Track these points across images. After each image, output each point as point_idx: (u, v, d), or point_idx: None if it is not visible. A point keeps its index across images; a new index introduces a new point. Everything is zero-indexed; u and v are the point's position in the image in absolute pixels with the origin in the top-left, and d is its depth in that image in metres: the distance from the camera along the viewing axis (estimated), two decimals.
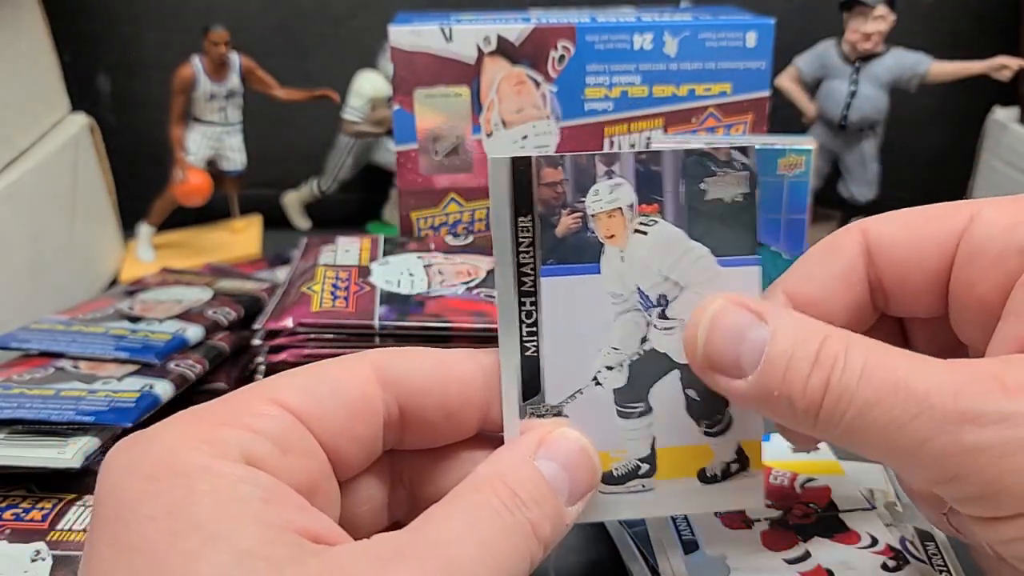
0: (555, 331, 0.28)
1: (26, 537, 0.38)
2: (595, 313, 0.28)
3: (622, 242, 0.29)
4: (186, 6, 0.75)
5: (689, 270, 0.29)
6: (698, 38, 0.56)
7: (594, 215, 0.29)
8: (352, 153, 0.75)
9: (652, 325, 0.29)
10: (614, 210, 0.29)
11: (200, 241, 0.76)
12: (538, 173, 0.28)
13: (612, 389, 0.29)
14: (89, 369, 0.49)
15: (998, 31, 0.74)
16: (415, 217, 0.59)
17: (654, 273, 0.29)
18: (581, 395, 0.28)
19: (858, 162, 0.70)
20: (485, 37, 0.56)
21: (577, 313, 0.28)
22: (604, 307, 0.29)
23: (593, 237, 0.29)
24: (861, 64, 0.67)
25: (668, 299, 0.29)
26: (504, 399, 0.28)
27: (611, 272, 0.29)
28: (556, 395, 0.28)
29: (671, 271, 0.29)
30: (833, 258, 0.29)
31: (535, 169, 0.28)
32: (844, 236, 0.30)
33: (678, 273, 0.29)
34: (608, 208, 0.29)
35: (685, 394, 0.29)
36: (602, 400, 0.29)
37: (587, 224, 0.29)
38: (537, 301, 0.29)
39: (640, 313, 0.29)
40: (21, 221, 0.58)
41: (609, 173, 0.29)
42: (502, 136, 0.57)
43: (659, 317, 0.29)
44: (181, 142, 0.69)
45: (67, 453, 0.40)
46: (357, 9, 0.76)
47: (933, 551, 0.34)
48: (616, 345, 0.29)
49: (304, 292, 0.50)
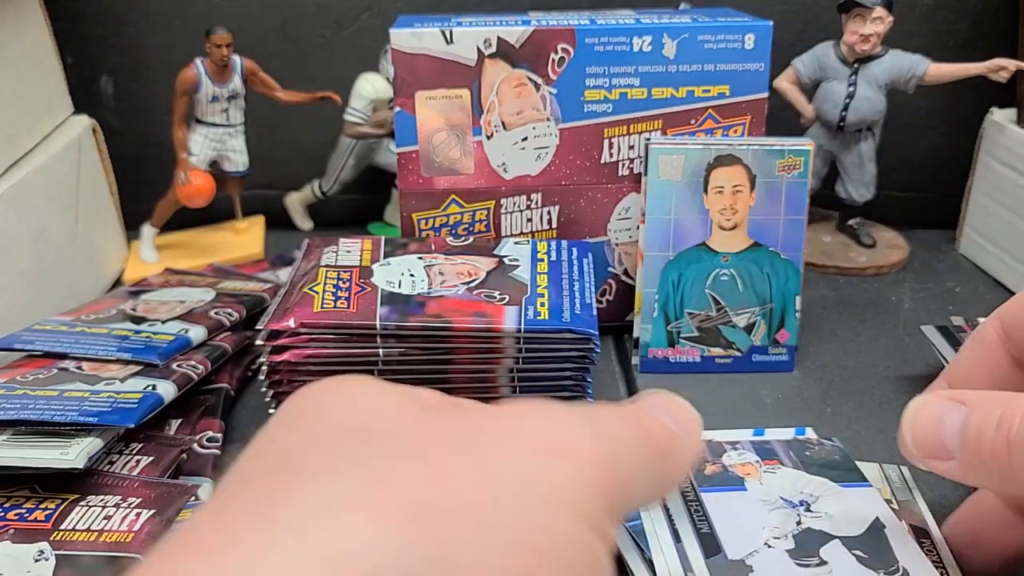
0: (722, 521, 0.39)
1: (29, 537, 0.38)
2: (751, 509, 0.40)
3: (758, 477, 0.42)
4: (189, 9, 0.75)
5: (819, 488, 0.41)
6: (697, 40, 0.56)
7: (731, 465, 0.43)
8: (354, 154, 0.76)
9: (802, 515, 0.40)
10: (746, 463, 0.43)
11: (203, 242, 0.76)
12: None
13: (784, 551, 0.38)
14: (92, 370, 0.49)
15: (996, 32, 0.74)
16: (416, 218, 0.59)
17: (791, 490, 0.41)
18: (758, 553, 0.37)
19: (856, 163, 0.71)
20: (485, 39, 0.56)
21: (735, 511, 0.40)
22: (757, 506, 0.40)
23: (733, 475, 0.43)
24: (859, 66, 0.67)
25: (809, 502, 0.40)
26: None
27: (755, 490, 0.41)
28: (736, 552, 0.37)
29: (804, 488, 0.41)
30: (977, 343, 0.36)
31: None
32: (985, 326, 0.36)
33: (810, 490, 0.41)
34: (741, 462, 0.44)
35: (853, 554, 0.37)
36: (778, 556, 0.37)
37: (727, 470, 0.43)
38: (702, 507, 0.40)
39: (789, 510, 0.40)
40: (24, 222, 0.58)
41: (734, 448, 0.45)
42: (502, 138, 0.58)
43: (806, 511, 0.40)
44: (184, 144, 0.70)
45: (71, 453, 0.40)
46: (358, 12, 0.76)
47: None
48: (776, 526, 0.39)
49: (306, 293, 0.50)
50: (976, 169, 0.74)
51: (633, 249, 0.61)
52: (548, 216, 0.60)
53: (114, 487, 0.42)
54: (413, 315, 0.48)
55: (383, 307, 0.49)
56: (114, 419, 0.43)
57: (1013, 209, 0.69)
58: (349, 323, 0.48)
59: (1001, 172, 0.70)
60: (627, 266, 0.62)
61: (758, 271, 0.56)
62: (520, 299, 0.50)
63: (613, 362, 0.60)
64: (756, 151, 0.54)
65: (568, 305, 0.50)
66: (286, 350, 0.48)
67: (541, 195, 0.59)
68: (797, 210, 0.55)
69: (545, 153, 0.58)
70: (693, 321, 0.57)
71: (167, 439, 0.47)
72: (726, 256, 0.56)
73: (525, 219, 0.60)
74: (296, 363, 0.48)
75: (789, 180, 0.55)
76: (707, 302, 0.56)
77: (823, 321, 0.64)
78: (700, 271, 0.56)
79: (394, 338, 0.48)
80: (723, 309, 0.56)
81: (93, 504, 0.40)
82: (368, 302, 0.49)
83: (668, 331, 0.57)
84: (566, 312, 0.49)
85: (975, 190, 0.74)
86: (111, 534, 0.38)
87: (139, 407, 0.44)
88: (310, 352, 0.48)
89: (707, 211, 0.55)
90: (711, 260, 0.56)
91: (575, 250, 0.56)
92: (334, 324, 0.48)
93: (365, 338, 0.48)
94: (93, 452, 0.41)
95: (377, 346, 0.48)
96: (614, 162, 0.59)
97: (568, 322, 0.48)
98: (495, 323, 0.48)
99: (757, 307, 0.56)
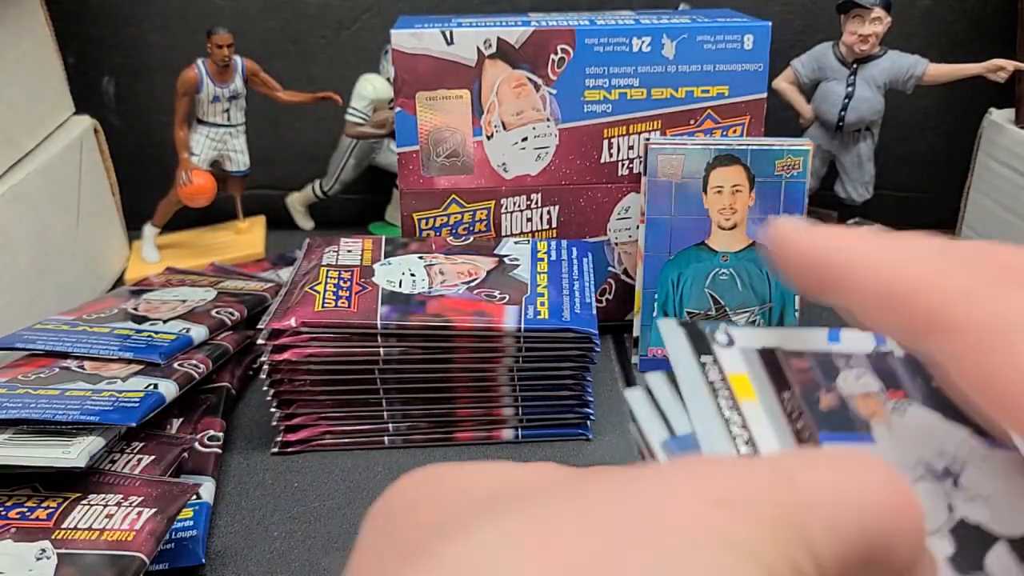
0: None
1: (31, 535, 0.39)
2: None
3: (886, 420, 0.29)
4: (190, 9, 0.75)
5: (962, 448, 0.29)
6: (696, 41, 0.56)
7: (852, 396, 0.30)
8: (354, 154, 0.76)
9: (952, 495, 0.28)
10: (868, 393, 0.30)
11: (204, 241, 0.76)
12: (787, 362, 0.28)
13: (943, 558, 0.26)
14: (94, 369, 0.49)
15: (994, 33, 0.74)
16: (417, 218, 0.59)
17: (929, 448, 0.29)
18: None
19: (854, 163, 0.71)
20: (485, 40, 0.56)
21: None
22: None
23: (856, 414, 0.29)
24: (858, 66, 0.67)
25: (953, 471, 0.28)
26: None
27: (886, 444, 0.29)
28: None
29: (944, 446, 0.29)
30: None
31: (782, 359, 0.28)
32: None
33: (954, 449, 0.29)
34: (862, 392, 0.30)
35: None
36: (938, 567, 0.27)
37: (845, 404, 0.29)
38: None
39: (934, 482, 0.28)
40: (26, 222, 0.58)
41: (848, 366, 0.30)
42: (502, 138, 0.58)
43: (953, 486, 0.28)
44: (185, 144, 0.70)
45: (72, 452, 0.40)
46: (359, 13, 0.76)
47: None
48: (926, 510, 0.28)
49: (307, 292, 0.50)
50: (975, 169, 0.74)
51: (633, 249, 0.61)
52: (548, 216, 0.60)
53: (115, 486, 0.42)
54: (414, 314, 0.48)
55: (384, 306, 0.49)
56: (116, 418, 0.43)
57: (1012, 209, 0.69)
58: (350, 322, 0.48)
59: (1000, 172, 0.70)
60: (627, 265, 0.62)
61: (757, 270, 0.56)
62: (520, 298, 0.50)
63: (613, 361, 0.60)
64: (755, 151, 0.54)
65: (568, 304, 0.50)
66: (287, 349, 0.48)
67: (541, 195, 0.59)
68: (796, 210, 0.55)
69: (545, 153, 0.58)
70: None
71: (168, 438, 0.47)
72: (725, 255, 0.56)
73: (525, 219, 0.60)
74: (297, 362, 0.48)
75: (788, 180, 0.55)
76: (707, 301, 0.57)
77: (822, 320, 0.64)
78: (699, 270, 0.56)
79: (395, 337, 0.48)
80: (723, 308, 0.57)
81: (95, 503, 0.41)
82: (369, 301, 0.49)
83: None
84: (566, 311, 0.49)
85: (974, 190, 0.74)
86: (112, 533, 0.39)
87: (140, 406, 0.44)
88: (311, 351, 0.48)
89: (706, 211, 0.55)
90: (710, 259, 0.56)
91: (575, 250, 0.57)
92: (335, 323, 0.48)
93: (366, 337, 0.48)
94: (95, 451, 0.41)
95: (378, 345, 0.48)
96: (614, 162, 0.59)
97: (568, 321, 0.48)
98: (495, 322, 0.48)
99: (756, 306, 0.57)
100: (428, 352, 0.48)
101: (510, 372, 0.49)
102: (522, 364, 0.49)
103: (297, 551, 0.43)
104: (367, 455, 0.50)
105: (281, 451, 0.50)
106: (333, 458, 0.50)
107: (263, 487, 0.47)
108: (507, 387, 0.50)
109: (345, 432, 0.50)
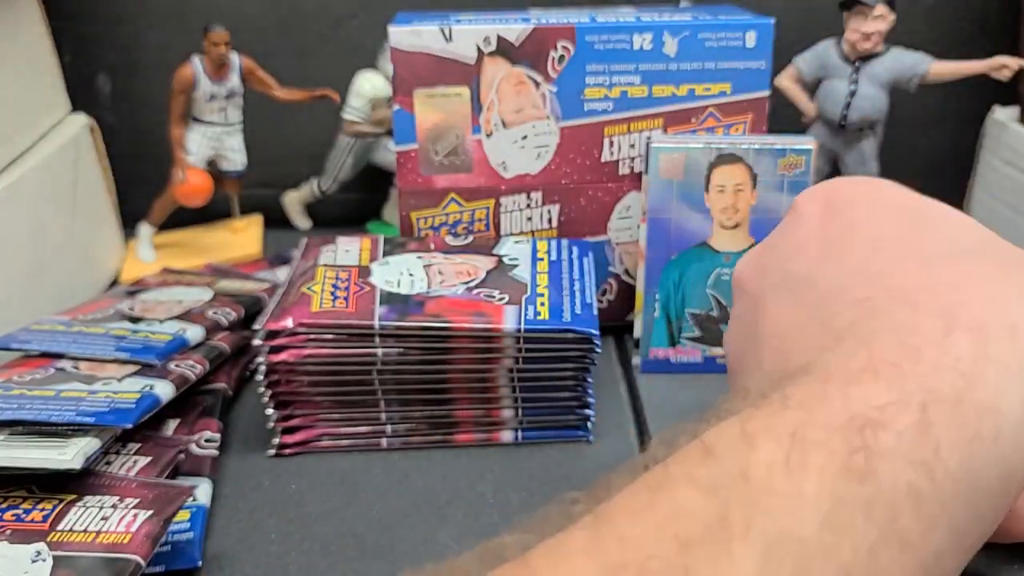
0: None
1: (27, 538, 0.38)
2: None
3: None
4: (186, 6, 0.75)
5: None
6: (698, 38, 0.56)
7: None
8: (352, 153, 0.76)
9: None
10: None
11: (201, 241, 0.76)
12: None
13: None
14: (89, 370, 0.49)
15: (997, 31, 0.74)
16: (415, 217, 0.59)
17: None
18: None
19: (858, 162, 0.70)
20: (485, 37, 0.56)
21: None
22: None
23: None
24: (861, 64, 0.67)
25: None
26: None
27: None
28: None
29: None
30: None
31: None
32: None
33: None
34: None
35: None
36: None
37: None
38: None
39: None
40: (21, 221, 0.58)
41: None
42: (502, 136, 0.57)
43: None
44: (181, 142, 0.69)
45: (68, 454, 0.40)
46: (357, 9, 0.76)
47: None
48: None
49: (304, 292, 0.50)
50: (978, 168, 0.73)
51: (634, 248, 0.61)
52: (548, 215, 0.59)
53: (112, 488, 0.42)
54: (412, 315, 0.48)
55: (382, 307, 0.48)
56: (111, 419, 0.42)
57: (1015, 208, 0.69)
58: (348, 323, 0.47)
59: (1003, 171, 0.70)
60: (628, 265, 0.61)
61: None
62: (520, 299, 0.49)
63: (613, 362, 0.59)
64: (758, 150, 0.54)
65: (568, 305, 0.49)
66: (284, 350, 0.48)
67: (541, 194, 0.59)
68: None
69: (545, 152, 0.58)
70: (694, 321, 0.56)
71: (165, 439, 0.47)
72: (728, 255, 0.55)
73: (525, 218, 0.59)
74: (294, 363, 0.48)
75: (791, 179, 0.54)
76: (709, 302, 0.56)
77: None
78: (701, 271, 0.56)
79: (393, 338, 0.48)
80: (725, 309, 0.56)
81: (90, 505, 0.40)
82: (367, 302, 0.49)
83: (669, 331, 0.57)
84: (566, 312, 0.49)
85: (977, 189, 0.74)
86: (109, 535, 0.38)
87: (136, 407, 0.44)
88: (308, 352, 0.48)
89: (708, 210, 0.55)
90: (712, 259, 0.55)
91: (575, 249, 0.56)
92: (332, 324, 0.47)
93: (364, 338, 0.48)
94: (90, 452, 0.41)
95: (376, 346, 0.48)
96: (614, 161, 0.58)
97: (568, 322, 0.48)
98: (495, 323, 0.47)
99: None
100: (427, 353, 0.48)
101: (510, 373, 0.49)
102: (522, 365, 0.48)
103: (294, 553, 0.43)
104: (365, 457, 0.50)
105: (278, 453, 0.49)
106: (331, 460, 0.49)
107: (260, 489, 0.47)
108: (507, 388, 0.49)
109: (343, 434, 0.50)
